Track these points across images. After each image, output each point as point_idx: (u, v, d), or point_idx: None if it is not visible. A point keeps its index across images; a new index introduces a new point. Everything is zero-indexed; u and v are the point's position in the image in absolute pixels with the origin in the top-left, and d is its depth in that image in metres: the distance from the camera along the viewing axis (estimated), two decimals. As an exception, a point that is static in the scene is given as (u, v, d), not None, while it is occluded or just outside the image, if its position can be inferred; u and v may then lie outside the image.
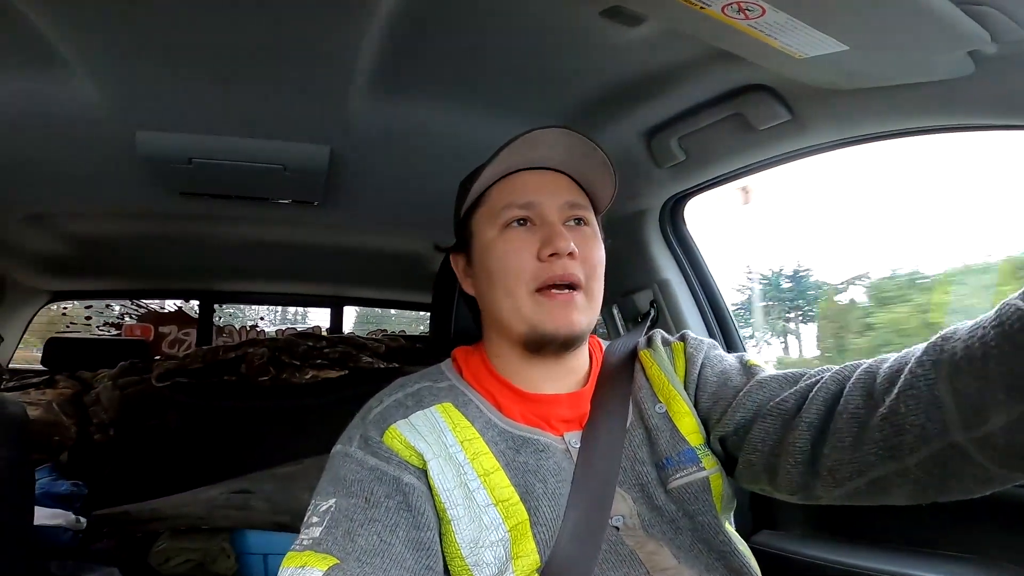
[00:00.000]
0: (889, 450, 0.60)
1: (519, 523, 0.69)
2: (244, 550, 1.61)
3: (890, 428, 0.60)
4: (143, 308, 3.57)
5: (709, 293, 1.45)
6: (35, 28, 0.89)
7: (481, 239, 0.80)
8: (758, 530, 1.26)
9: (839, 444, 0.65)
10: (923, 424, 0.57)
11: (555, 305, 0.75)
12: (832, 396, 0.68)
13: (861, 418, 0.63)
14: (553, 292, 0.75)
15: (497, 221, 0.78)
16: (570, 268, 0.75)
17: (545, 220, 0.77)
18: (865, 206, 2.23)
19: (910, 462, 0.59)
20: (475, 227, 0.82)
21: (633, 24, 0.87)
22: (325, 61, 1.01)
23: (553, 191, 0.79)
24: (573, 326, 0.75)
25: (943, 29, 0.66)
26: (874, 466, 0.62)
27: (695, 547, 0.72)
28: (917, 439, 0.58)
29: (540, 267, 0.75)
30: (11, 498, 1.22)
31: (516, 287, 0.75)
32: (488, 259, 0.78)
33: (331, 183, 1.46)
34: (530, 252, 0.75)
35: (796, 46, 0.74)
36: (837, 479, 0.65)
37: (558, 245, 0.74)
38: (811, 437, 0.67)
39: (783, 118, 1.01)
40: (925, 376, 0.58)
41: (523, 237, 0.77)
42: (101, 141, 1.25)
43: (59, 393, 2.12)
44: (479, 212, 0.81)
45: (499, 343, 0.81)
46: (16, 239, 1.81)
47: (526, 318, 0.75)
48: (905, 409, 0.59)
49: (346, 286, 2.76)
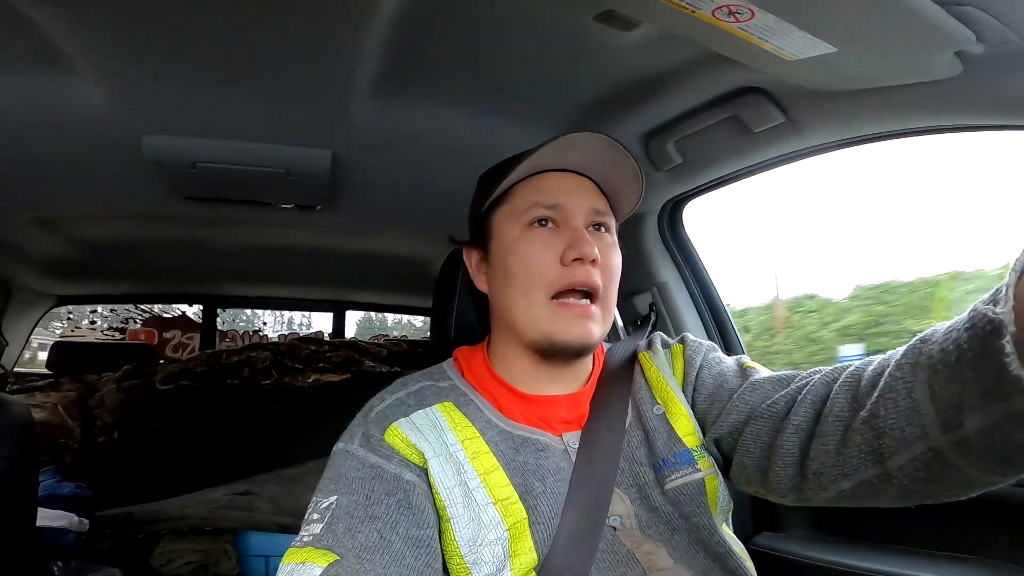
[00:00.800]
0: (871, 454, 0.61)
1: (517, 522, 0.69)
2: (246, 552, 1.62)
3: (871, 432, 0.60)
4: (147, 313, 3.59)
5: (707, 296, 1.45)
6: (42, 32, 0.90)
7: (502, 237, 0.80)
8: (758, 532, 1.25)
9: (824, 447, 0.65)
10: (903, 428, 0.57)
11: (571, 316, 0.75)
12: (820, 399, 0.68)
13: (845, 421, 0.64)
14: (570, 302, 0.75)
15: (521, 220, 0.78)
16: (592, 275, 0.75)
17: (570, 223, 0.77)
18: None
19: (892, 466, 0.59)
20: (496, 224, 0.81)
21: (627, 28, 0.88)
22: (327, 66, 1.02)
23: (581, 195, 0.79)
24: (588, 338, 0.75)
25: (928, 30, 0.67)
26: (858, 470, 0.62)
27: (691, 548, 0.73)
28: (897, 443, 0.58)
29: (562, 271, 0.75)
30: (15, 499, 1.23)
31: (535, 290, 0.75)
32: (508, 258, 0.78)
33: (333, 187, 1.46)
34: (553, 254, 0.75)
35: (787, 48, 0.75)
36: (823, 482, 0.66)
37: (583, 250, 0.74)
38: (799, 440, 0.68)
39: (778, 120, 1.01)
40: (904, 379, 0.58)
41: (547, 238, 0.76)
42: (107, 145, 1.26)
43: (64, 396, 2.14)
44: (502, 209, 0.81)
45: (507, 343, 0.81)
46: (22, 242, 1.83)
47: (540, 326, 0.75)
48: (885, 413, 0.59)
49: (349, 290, 2.76)
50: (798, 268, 1.82)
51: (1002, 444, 0.51)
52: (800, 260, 1.79)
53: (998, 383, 0.48)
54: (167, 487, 1.75)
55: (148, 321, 3.31)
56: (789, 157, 1.13)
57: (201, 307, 2.90)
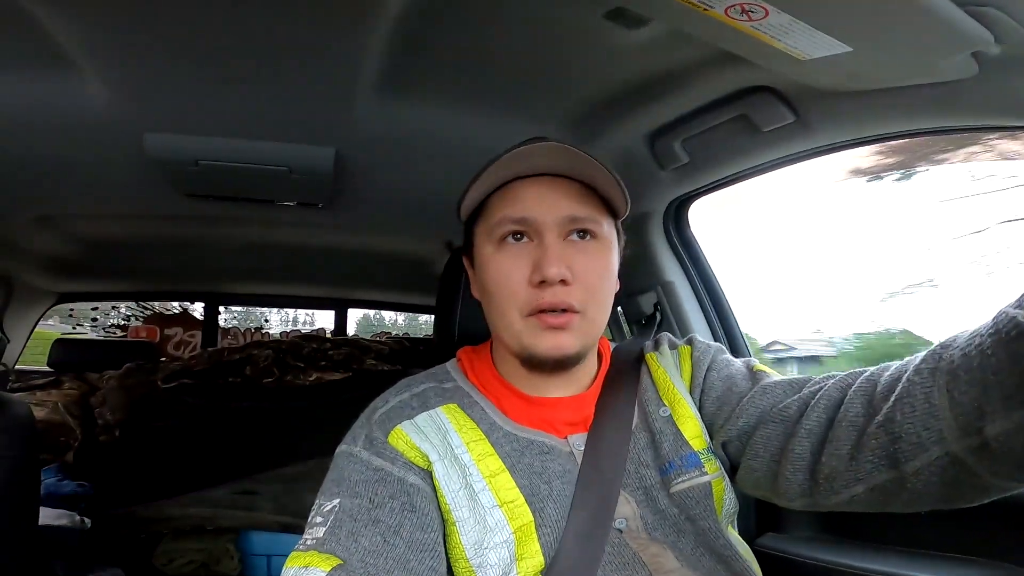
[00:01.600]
0: (886, 458, 0.60)
1: (524, 524, 0.69)
2: (248, 551, 1.62)
3: (886, 436, 0.60)
4: (149, 310, 3.59)
5: (713, 296, 1.45)
6: (45, 30, 0.90)
7: (480, 252, 0.78)
8: (762, 533, 1.25)
9: (836, 452, 0.64)
10: (919, 432, 0.57)
11: (546, 330, 0.72)
12: (834, 404, 0.67)
13: (860, 426, 0.63)
14: (545, 316, 0.71)
15: (494, 235, 0.74)
16: (561, 296, 0.71)
17: (545, 239, 0.72)
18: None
19: (907, 470, 0.59)
20: (476, 238, 0.79)
21: (636, 26, 0.87)
22: (331, 63, 1.01)
23: (552, 204, 0.73)
24: (564, 350, 0.73)
25: (945, 30, 0.66)
26: (871, 474, 0.62)
27: (697, 551, 0.72)
28: (914, 447, 0.58)
29: (531, 293, 0.71)
30: (16, 498, 1.22)
31: (508, 310, 0.73)
32: (484, 276, 0.76)
33: (336, 185, 1.46)
34: (522, 274, 0.72)
35: (799, 48, 0.74)
36: (835, 487, 0.65)
37: (547, 272, 0.69)
38: (811, 444, 0.67)
39: (787, 120, 1.00)
40: (923, 384, 0.58)
41: (516, 256, 0.73)
42: (109, 143, 1.25)
43: (65, 394, 2.14)
44: (479, 224, 0.78)
45: (503, 350, 0.81)
46: (24, 240, 1.82)
47: (519, 339, 0.74)
48: (901, 417, 0.58)
49: (351, 288, 2.76)
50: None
51: (1021, 449, 0.51)
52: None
53: (1020, 388, 0.48)
54: (168, 485, 1.74)
55: (150, 318, 3.31)
56: (798, 157, 1.12)
57: (203, 304, 2.90)
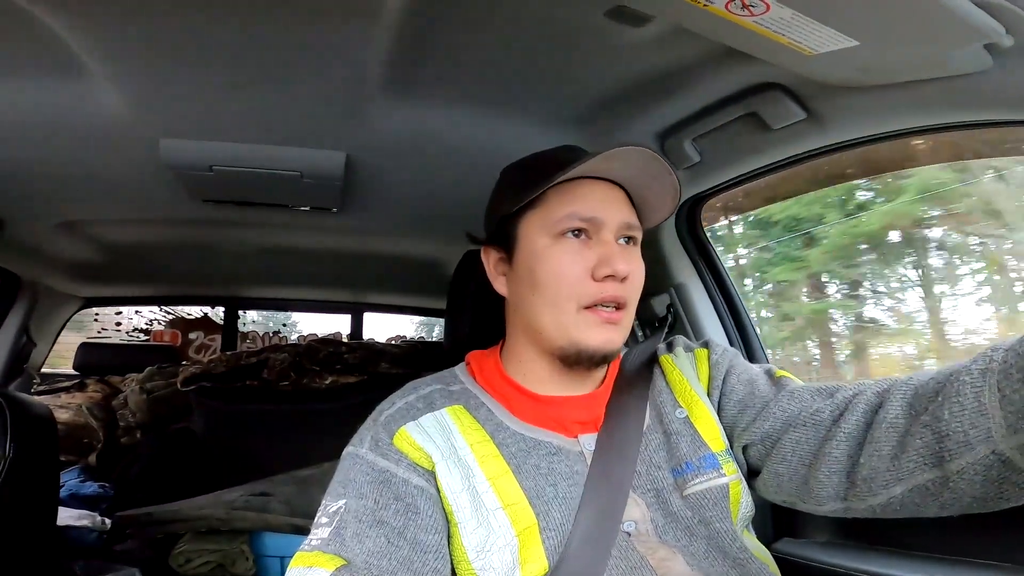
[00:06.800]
0: (930, 457, 0.60)
1: (528, 527, 0.68)
2: (262, 552, 1.63)
3: (931, 435, 0.59)
4: (172, 314, 3.66)
5: (728, 298, 1.42)
6: (59, 39, 0.92)
7: (530, 243, 0.78)
8: (779, 537, 1.23)
9: (877, 452, 0.64)
10: (967, 431, 0.57)
11: (601, 323, 0.74)
12: (872, 407, 0.67)
13: (901, 428, 0.63)
14: (600, 309, 0.74)
15: (553, 229, 0.76)
16: (621, 291, 0.74)
17: (603, 237, 0.76)
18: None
19: (951, 469, 0.58)
20: (524, 228, 0.79)
21: (639, 24, 0.87)
22: (340, 68, 1.02)
23: (616, 208, 0.78)
24: (614, 344, 0.76)
25: (954, 22, 0.64)
26: (913, 474, 0.61)
27: (710, 555, 0.71)
28: (960, 445, 0.57)
29: (593, 286, 0.74)
30: (36, 498, 1.25)
31: (564, 301, 0.74)
32: (537, 267, 0.76)
33: (348, 189, 1.47)
34: (584, 268, 0.74)
35: (805, 42, 0.73)
36: (873, 488, 0.64)
37: (617, 267, 0.73)
38: (848, 447, 0.67)
39: (799, 117, 0.99)
40: (973, 383, 0.57)
41: (578, 251, 0.75)
42: (126, 150, 1.27)
43: (89, 397, 2.18)
44: (532, 214, 0.79)
45: (524, 347, 0.80)
46: (49, 246, 1.86)
47: (569, 333, 0.74)
48: (949, 416, 0.58)
49: (366, 292, 2.78)
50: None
51: None
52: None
53: None
54: (187, 486, 1.77)
55: (173, 322, 3.37)
56: (811, 154, 1.09)
57: (223, 309, 2.95)
